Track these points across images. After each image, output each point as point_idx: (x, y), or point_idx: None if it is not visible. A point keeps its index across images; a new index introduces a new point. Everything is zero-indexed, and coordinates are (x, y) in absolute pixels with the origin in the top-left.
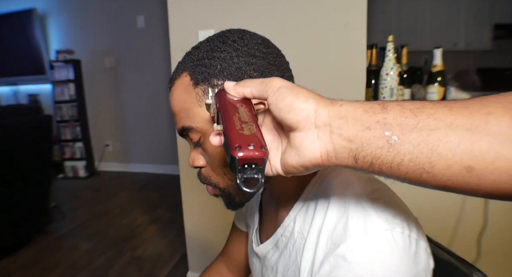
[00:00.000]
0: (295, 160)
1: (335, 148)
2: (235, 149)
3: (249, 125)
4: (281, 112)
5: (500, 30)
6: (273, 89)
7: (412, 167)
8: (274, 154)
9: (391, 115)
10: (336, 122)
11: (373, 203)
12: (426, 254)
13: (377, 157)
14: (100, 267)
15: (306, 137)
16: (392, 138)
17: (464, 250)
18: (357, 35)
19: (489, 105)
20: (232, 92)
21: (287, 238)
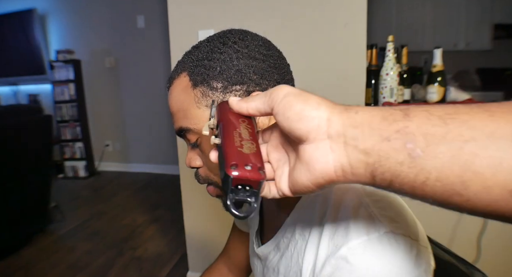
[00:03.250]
0: (306, 177)
1: (351, 162)
2: (231, 167)
3: (250, 143)
4: (289, 121)
5: (500, 30)
6: (279, 96)
7: (440, 188)
8: (280, 174)
9: (415, 123)
10: (351, 131)
11: (374, 204)
12: (427, 255)
13: (397, 174)
14: (100, 267)
15: (317, 149)
16: (415, 152)
17: (464, 250)
18: (357, 35)
19: None
20: (236, 107)
21: (288, 239)
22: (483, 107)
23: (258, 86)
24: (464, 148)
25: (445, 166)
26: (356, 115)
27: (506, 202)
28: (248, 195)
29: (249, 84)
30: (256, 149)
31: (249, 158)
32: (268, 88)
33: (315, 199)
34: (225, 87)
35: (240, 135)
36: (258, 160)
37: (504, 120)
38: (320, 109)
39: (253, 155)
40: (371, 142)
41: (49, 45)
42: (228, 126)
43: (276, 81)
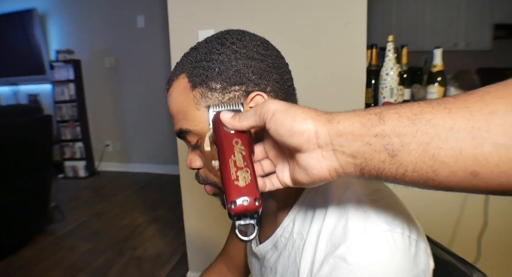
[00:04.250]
0: (305, 178)
1: (341, 165)
2: (230, 204)
3: (244, 172)
4: (282, 137)
5: (500, 30)
6: (268, 114)
7: (417, 177)
8: (281, 169)
9: (389, 126)
10: (337, 140)
11: (372, 204)
12: (426, 255)
13: (381, 170)
14: (100, 267)
15: (312, 158)
16: (393, 151)
17: (464, 250)
18: (357, 35)
19: (492, 102)
20: (229, 126)
21: (286, 238)
22: (443, 104)
23: (257, 86)
24: (431, 143)
25: (418, 159)
26: (338, 125)
27: (468, 180)
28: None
29: (248, 84)
30: (251, 177)
31: (245, 192)
32: (267, 88)
33: (313, 199)
34: (224, 88)
35: (235, 164)
36: (253, 192)
37: (460, 115)
38: (307, 123)
39: (248, 187)
40: (355, 147)
41: (49, 45)
42: (223, 153)
43: (275, 80)
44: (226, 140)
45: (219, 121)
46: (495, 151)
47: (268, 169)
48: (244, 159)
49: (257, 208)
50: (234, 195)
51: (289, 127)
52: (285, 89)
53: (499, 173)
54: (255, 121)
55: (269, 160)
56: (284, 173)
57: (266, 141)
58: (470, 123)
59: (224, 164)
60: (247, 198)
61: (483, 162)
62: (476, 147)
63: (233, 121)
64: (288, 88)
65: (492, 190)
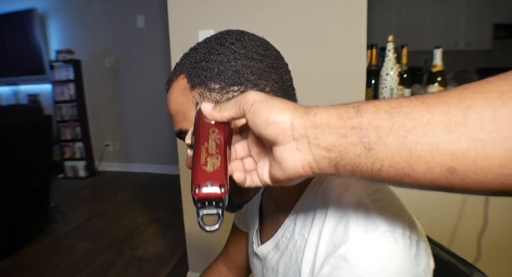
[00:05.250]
0: (279, 173)
1: (316, 159)
2: (194, 188)
3: (214, 158)
4: (258, 128)
5: (500, 30)
6: (248, 104)
7: (393, 172)
8: (261, 166)
9: (366, 119)
10: (312, 132)
11: (373, 204)
12: (427, 255)
13: (357, 165)
14: (100, 267)
15: (286, 151)
16: (369, 144)
17: (464, 250)
18: (357, 35)
19: (470, 96)
20: (209, 116)
21: (287, 239)
22: (421, 99)
23: (256, 87)
24: (408, 137)
25: (395, 153)
26: (315, 117)
27: (445, 177)
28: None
29: (247, 85)
30: (221, 164)
31: (211, 176)
32: (266, 88)
33: (314, 199)
34: (222, 88)
35: (206, 150)
36: (219, 177)
37: (437, 109)
38: (283, 114)
39: (215, 172)
40: (331, 139)
41: (49, 45)
42: (198, 140)
43: (274, 81)
44: (203, 129)
45: (200, 112)
46: (472, 146)
47: (250, 167)
48: (217, 146)
49: (222, 195)
50: (198, 179)
51: (265, 117)
52: (284, 89)
53: (476, 170)
54: (235, 112)
55: (251, 158)
56: (264, 171)
57: (249, 138)
58: (447, 117)
59: (196, 151)
60: (212, 183)
61: (460, 158)
62: (454, 142)
63: (213, 112)
64: (288, 88)
65: (468, 188)
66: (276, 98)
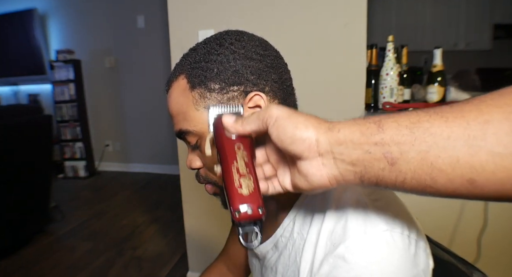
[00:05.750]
0: (305, 185)
1: (341, 173)
2: (235, 212)
3: (247, 179)
4: (284, 144)
5: (500, 30)
6: (271, 119)
7: (415, 184)
8: (282, 173)
9: (388, 135)
10: (337, 148)
11: (372, 203)
12: (426, 254)
13: (381, 178)
14: (100, 267)
15: (312, 166)
16: (392, 159)
17: (464, 250)
18: (357, 35)
19: (487, 111)
20: (232, 131)
21: (286, 238)
22: (440, 113)
23: (256, 86)
24: (429, 152)
25: (417, 167)
26: (338, 133)
27: (465, 188)
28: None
29: (247, 85)
30: (254, 185)
31: (248, 200)
32: (265, 88)
33: (314, 199)
34: (222, 88)
35: (238, 171)
36: (256, 200)
37: (456, 124)
38: (309, 131)
39: (252, 195)
40: (355, 155)
41: (49, 45)
42: (226, 158)
43: (273, 80)
44: (228, 146)
45: (220, 125)
46: (491, 159)
47: (269, 173)
48: (247, 165)
49: (261, 216)
50: (238, 203)
51: (291, 134)
52: (283, 89)
53: (495, 180)
54: (258, 126)
55: (270, 164)
56: (285, 178)
57: (268, 145)
58: (466, 132)
59: (227, 171)
60: (251, 206)
61: (479, 170)
62: (473, 156)
63: (236, 126)
64: (287, 88)
65: (488, 196)
66: (300, 113)
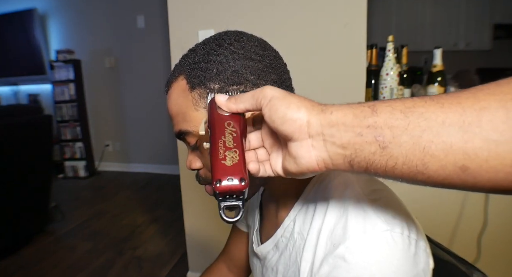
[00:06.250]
0: (293, 167)
1: (330, 156)
2: (215, 182)
3: (232, 152)
4: (275, 124)
5: (500, 30)
6: (265, 99)
7: (406, 169)
8: (275, 157)
9: (382, 118)
10: (328, 130)
11: (372, 203)
12: (426, 254)
13: (371, 162)
14: (100, 267)
15: (301, 147)
16: (384, 143)
17: (464, 250)
18: (357, 35)
19: (484, 98)
20: (224, 108)
21: (287, 238)
22: (436, 99)
23: (255, 86)
24: (422, 136)
25: (409, 152)
26: (331, 115)
27: (457, 175)
28: (235, 200)
29: (246, 85)
30: (239, 157)
31: (231, 170)
32: None
33: (313, 199)
34: (222, 88)
35: (224, 144)
36: (239, 171)
37: (452, 110)
38: (300, 111)
39: (235, 166)
40: (346, 138)
41: (49, 45)
42: (214, 133)
43: (273, 81)
44: (218, 122)
45: (214, 104)
46: (485, 146)
47: (262, 157)
48: (234, 140)
49: (243, 188)
50: (219, 174)
51: (283, 114)
52: (283, 89)
53: (488, 168)
54: (251, 105)
55: (264, 149)
56: (277, 162)
57: (263, 129)
58: (462, 117)
59: (214, 145)
60: (233, 177)
61: (472, 157)
62: (467, 142)
63: (228, 103)
64: (287, 88)
65: (480, 186)
66: (294, 95)
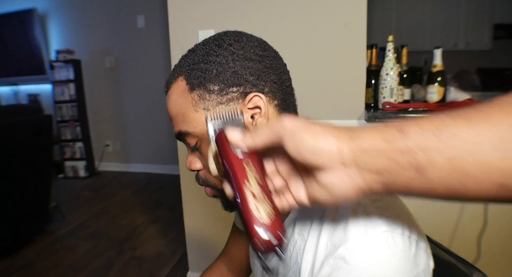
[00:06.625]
0: (326, 197)
1: (367, 182)
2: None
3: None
4: (302, 156)
5: (500, 30)
6: (286, 131)
7: (444, 191)
8: (295, 186)
9: (412, 141)
10: (361, 157)
11: (372, 204)
12: (426, 255)
13: (409, 187)
14: (100, 267)
15: (335, 176)
16: (419, 166)
17: (464, 250)
18: (357, 35)
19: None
20: (243, 147)
21: (287, 239)
22: (463, 115)
23: (255, 87)
24: (458, 158)
25: (446, 174)
26: (362, 141)
27: (496, 191)
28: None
29: (246, 86)
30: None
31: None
32: (265, 88)
33: None
34: (221, 89)
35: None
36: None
37: (484, 127)
38: (328, 140)
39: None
40: (380, 164)
41: (49, 45)
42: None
43: (272, 81)
44: (236, 164)
45: (224, 140)
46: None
47: (279, 185)
48: (262, 188)
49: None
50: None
51: (311, 144)
52: (283, 89)
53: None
54: (270, 139)
55: (280, 176)
56: (300, 191)
57: (276, 156)
58: (495, 135)
59: (241, 193)
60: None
61: (510, 174)
62: (503, 160)
63: (247, 141)
64: (286, 88)
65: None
66: (315, 122)
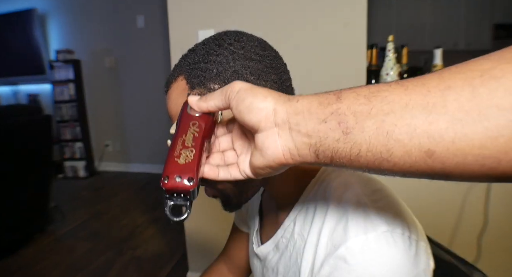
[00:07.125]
0: (260, 161)
1: (296, 145)
2: (163, 178)
3: (188, 151)
4: (241, 114)
5: (500, 30)
6: (233, 92)
7: (371, 157)
8: (243, 158)
9: (345, 104)
10: (294, 118)
11: (372, 204)
12: (426, 255)
13: (336, 151)
14: (100, 267)
15: (268, 137)
16: (347, 129)
17: (464, 250)
18: (357, 35)
19: (449, 77)
20: (195, 107)
21: (287, 239)
22: (401, 82)
23: None
24: (386, 120)
25: (372, 137)
26: (297, 103)
27: (424, 160)
28: (183, 200)
29: None
30: (193, 157)
31: (181, 169)
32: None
33: (314, 199)
34: None
35: (183, 143)
36: (189, 170)
37: (416, 92)
38: (267, 101)
39: (187, 165)
40: (311, 125)
41: (49, 45)
42: (176, 132)
43: (273, 81)
44: (184, 121)
45: (186, 104)
46: (451, 127)
47: (230, 160)
48: (194, 139)
49: (189, 188)
50: (169, 171)
51: (249, 103)
52: (283, 89)
53: (455, 151)
54: (221, 101)
55: (233, 151)
56: (245, 161)
57: (234, 131)
58: (426, 99)
59: (173, 142)
60: (181, 175)
61: (438, 139)
62: (432, 123)
63: (199, 102)
64: (287, 88)
65: (449, 172)
66: (261, 87)
